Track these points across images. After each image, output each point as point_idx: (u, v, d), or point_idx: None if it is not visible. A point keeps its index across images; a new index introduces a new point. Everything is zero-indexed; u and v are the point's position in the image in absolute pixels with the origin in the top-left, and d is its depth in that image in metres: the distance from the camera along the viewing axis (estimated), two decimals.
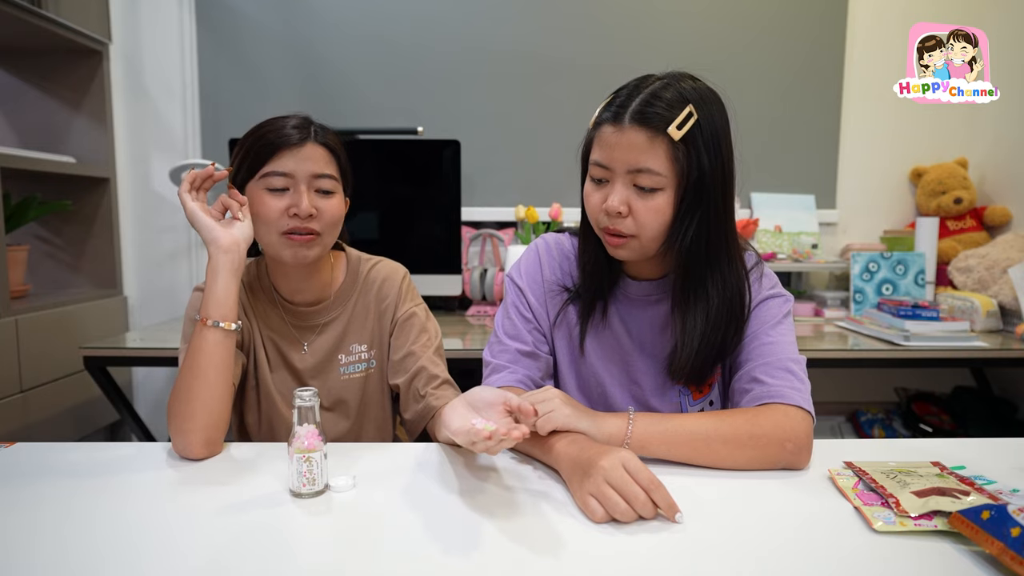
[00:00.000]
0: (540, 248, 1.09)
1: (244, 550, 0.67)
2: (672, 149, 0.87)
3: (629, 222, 0.90)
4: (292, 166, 1.00)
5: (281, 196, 1.00)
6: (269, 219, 1.00)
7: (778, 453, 0.86)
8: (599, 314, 1.04)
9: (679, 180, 0.88)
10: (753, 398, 0.91)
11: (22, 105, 2.15)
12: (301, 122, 1.03)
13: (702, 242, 0.91)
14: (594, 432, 0.86)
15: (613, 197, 0.89)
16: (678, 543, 0.69)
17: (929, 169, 2.36)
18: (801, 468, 0.87)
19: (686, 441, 0.86)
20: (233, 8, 2.26)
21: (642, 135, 0.87)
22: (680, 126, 0.86)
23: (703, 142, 0.88)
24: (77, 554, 0.66)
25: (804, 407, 0.88)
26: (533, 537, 0.70)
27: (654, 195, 0.88)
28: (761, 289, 1.00)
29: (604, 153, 0.90)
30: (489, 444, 0.70)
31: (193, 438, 0.90)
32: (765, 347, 0.94)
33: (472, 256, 2.31)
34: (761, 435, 0.85)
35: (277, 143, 1.00)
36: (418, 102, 2.31)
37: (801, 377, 0.92)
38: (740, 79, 2.31)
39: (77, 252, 2.21)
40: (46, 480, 0.84)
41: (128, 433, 2.25)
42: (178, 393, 0.92)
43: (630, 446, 0.85)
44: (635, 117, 0.87)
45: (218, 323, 0.93)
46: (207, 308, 0.94)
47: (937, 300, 2.06)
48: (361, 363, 1.14)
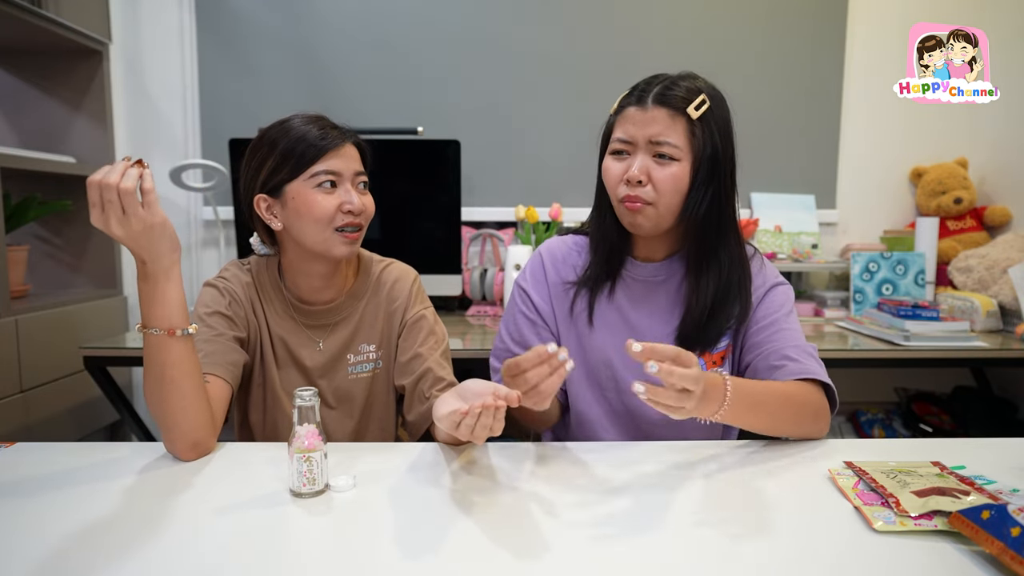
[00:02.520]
0: (544, 253, 1.16)
1: (244, 550, 0.67)
2: (690, 127, 0.97)
3: (648, 190, 0.98)
4: (340, 165, 1.03)
5: (331, 194, 1.02)
6: (324, 216, 1.01)
7: (822, 427, 0.99)
8: (606, 294, 1.10)
9: (695, 155, 0.98)
10: (788, 372, 0.99)
11: (22, 105, 2.15)
12: (325, 122, 1.05)
13: (715, 213, 1.00)
14: (702, 401, 0.83)
15: (635, 165, 0.98)
16: (678, 543, 0.69)
17: (929, 169, 2.36)
18: (820, 438, 1.00)
19: (765, 407, 0.93)
20: (233, 8, 2.25)
21: (664, 112, 0.97)
22: (697, 108, 0.97)
23: (715, 126, 0.98)
24: (77, 554, 0.66)
25: (832, 386, 1.00)
26: (533, 537, 0.70)
27: (672, 164, 0.98)
28: (767, 277, 1.09)
29: (627, 130, 1.00)
30: (468, 422, 0.73)
31: (179, 444, 0.90)
32: (786, 332, 1.04)
33: (472, 256, 2.31)
34: (813, 409, 0.97)
35: (323, 144, 1.01)
36: (418, 102, 2.31)
37: (820, 363, 1.03)
38: (740, 79, 2.31)
39: (77, 252, 2.21)
40: (46, 480, 0.84)
41: (128, 433, 2.25)
42: (154, 405, 0.89)
43: (727, 410, 0.86)
44: (657, 99, 0.98)
45: (186, 331, 0.89)
46: (169, 318, 0.87)
47: (937, 300, 2.06)
48: (369, 363, 1.14)
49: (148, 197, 0.81)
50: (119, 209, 0.79)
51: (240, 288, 1.09)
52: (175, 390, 0.88)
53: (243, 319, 1.08)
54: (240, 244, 2.12)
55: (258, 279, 1.12)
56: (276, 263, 1.13)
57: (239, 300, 1.09)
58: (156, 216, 0.82)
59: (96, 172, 0.79)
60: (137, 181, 0.80)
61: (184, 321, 0.89)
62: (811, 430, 0.99)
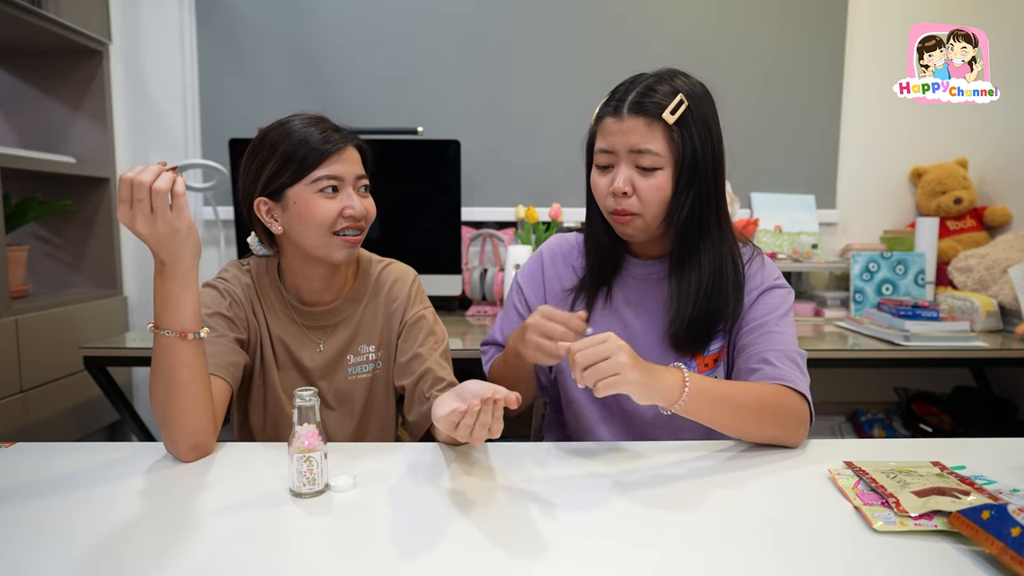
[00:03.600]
0: (544, 252, 1.17)
1: (244, 550, 0.67)
2: (668, 132, 0.96)
3: (634, 201, 0.99)
4: (341, 170, 1.02)
5: (332, 198, 1.02)
6: (325, 221, 1.01)
7: (793, 434, 0.95)
8: (603, 298, 1.10)
9: (676, 159, 0.97)
10: (763, 376, 0.97)
11: (22, 105, 2.14)
12: (327, 124, 1.04)
13: (696, 216, 1.00)
14: (651, 387, 0.85)
15: (619, 178, 0.98)
16: (678, 542, 0.69)
17: (929, 169, 2.36)
18: (797, 447, 0.97)
19: (729, 406, 0.92)
20: (233, 8, 2.25)
21: (640, 121, 0.97)
22: (673, 111, 0.96)
23: (695, 126, 0.97)
24: (77, 554, 0.66)
25: (808, 398, 0.97)
26: (534, 537, 0.70)
27: (654, 174, 0.97)
28: (766, 277, 1.07)
29: (608, 140, 0.99)
30: (467, 421, 0.73)
31: (181, 445, 0.90)
32: (774, 335, 1.01)
33: (472, 256, 2.31)
34: (785, 414, 0.94)
35: (325, 149, 1.01)
36: (418, 102, 2.31)
37: (804, 371, 1.00)
38: (740, 79, 2.30)
39: (77, 252, 2.20)
40: (46, 480, 0.85)
41: (128, 433, 2.25)
42: (159, 405, 0.90)
43: (684, 402, 0.87)
44: (633, 108, 0.97)
45: (198, 335, 0.89)
46: (182, 321, 0.87)
47: (937, 300, 2.06)
48: (368, 364, 1.14)
49: (178, 200, 0.82)
50: (147, 208, 0.81)
51: (240, 289, 1.09)
52: (182, 392, 0.89)
53: (243, 320, 1.08)
54: (240, 244, 2.12)
55: (258, 281, 1.12)
56: (276, 264, 1.13)
57: (239, 301, 1.08)
58: (183, 220, 0.83)
59: (130, 169, 0.81)
60: (170, 183, 0.81)
61: (196, 325, 0.89)
62: (782, 436, 0.95)
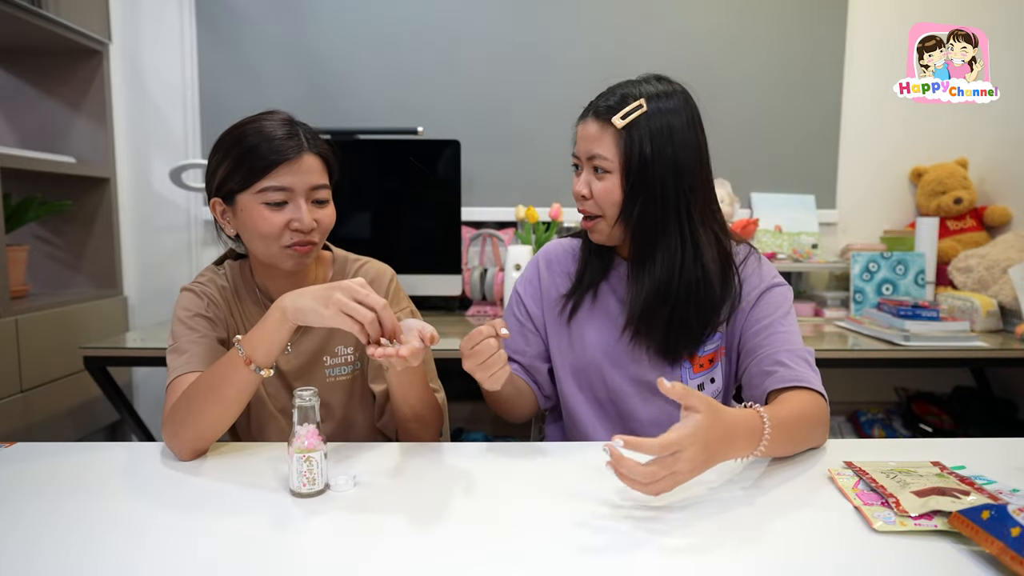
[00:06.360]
0: (541, 259, 1.19)
1: (244, 550, 0.67)
2: (617, 137, 0.98)
3: (591, 204, 1.02)
4: (290, 180, 0.97)
5: (280, 210, 0.98)
6: (271, 234, 0.98)
7: (823, 436, 0.96)
8: (590, 298, 1.11)
9: (624, 164, 0.98)
10: (779, 379, 0.97)
11: (22, 105, 2.15)
12: (290, 129, 0.99)
13: (649, 218, 0.99)
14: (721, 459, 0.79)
15: (579, 181, 1.03)
16: (677, 542, 0.69)
17: (929, 169, 2.36)
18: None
19: (800, 427, 0.91)
20: (233, 8, 2.25)
21: (595, 125, 1.00)
22: (624, 116, 0.97)
23: (649, 132, 0.97)
24: (77, 554, 0.66)
25: (825, 395, 0.97)
26: (533, 536, 0.70)
27: (605, 177, 1.00)
28: (764, 277, 1.07)
29: (577, 146, 1.04)
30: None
31: (187, 446, 0.91)
32: (781, 335, 1.02)
33: (472, 256, 2.31)
34: (820, 420, 0.94)
35: (273, 159, 0.96)
36: (418, 102, 2.31)
37: (815, 368, 1.01)
38: (740, 79, 2.30)
39: (77, 252, 2.21)
40: (46, 480, 0.85)
41: (128, 433, 2.25)
42: (191, 403, 0.90)
43: (768, 442, 0.82)
44: (591, 112, 1.01)
45: (259, 369, 0.89)
46: (256, 351, 0.89)
47: (937, 300, 2.06)
48: (347, 365, 1.11)
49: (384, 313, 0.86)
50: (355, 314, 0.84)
51: (216, 291, 1.08)
52: (220, 406, 0.90)
53: (223, 320, 1.07)
54: None
55: (233, 282, 1.10)
56: (249, 265, 1.11)
57: (216, 302, 1.07)
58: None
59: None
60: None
61: (266, 362, 0.89)
62: (819, 440, 0.96)
